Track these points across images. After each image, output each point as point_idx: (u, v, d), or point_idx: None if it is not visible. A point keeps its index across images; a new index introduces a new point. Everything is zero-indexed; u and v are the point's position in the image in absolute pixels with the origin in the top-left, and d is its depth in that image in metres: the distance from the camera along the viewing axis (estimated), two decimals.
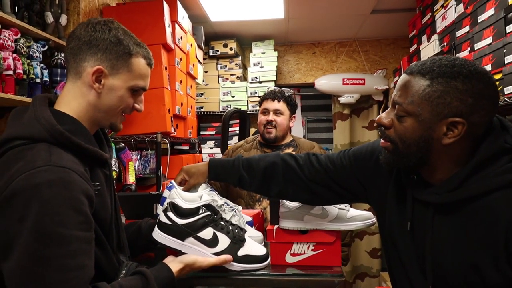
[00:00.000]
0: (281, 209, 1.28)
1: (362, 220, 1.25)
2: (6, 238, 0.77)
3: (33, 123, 0.86)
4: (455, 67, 0.82)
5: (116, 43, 0.95)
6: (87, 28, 0.95)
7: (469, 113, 0.81)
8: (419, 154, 0.87)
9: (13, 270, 0.76)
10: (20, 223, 0.76)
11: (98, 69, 0.93)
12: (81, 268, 0.79)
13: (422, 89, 0.84)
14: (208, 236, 1.05)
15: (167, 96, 2.38)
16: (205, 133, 3.67)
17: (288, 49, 4.04)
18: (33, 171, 0.78)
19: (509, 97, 1.46)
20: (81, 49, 0.93)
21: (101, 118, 0.98)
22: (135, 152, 2.35)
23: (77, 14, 2.13)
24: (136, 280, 0.90)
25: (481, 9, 1.72)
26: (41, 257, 0.75)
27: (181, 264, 1.00)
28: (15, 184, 0.77)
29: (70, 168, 0.82)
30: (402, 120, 0.88)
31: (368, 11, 3.12)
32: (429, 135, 0.85)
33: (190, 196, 1.15)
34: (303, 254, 1.27)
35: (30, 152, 0.82)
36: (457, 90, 0.81)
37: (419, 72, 0.86)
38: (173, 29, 2.51)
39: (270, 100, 2.02)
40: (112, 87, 0.96)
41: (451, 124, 0.82)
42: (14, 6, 1.75)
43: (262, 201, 1.89)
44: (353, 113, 3.94)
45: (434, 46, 2.26)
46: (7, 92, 1.61)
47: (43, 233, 0.76)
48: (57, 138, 0.86)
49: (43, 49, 1.85)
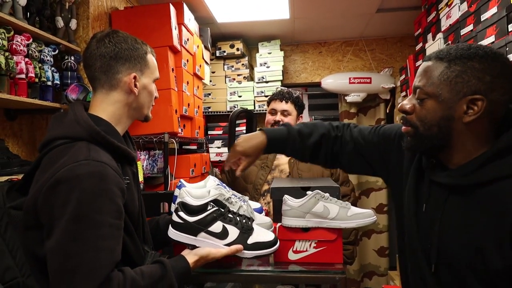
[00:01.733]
0: (284, 207, 1.31)
1: (362, 218, 1.28)
2: (50, 220, 0.89)
3: (74, 125, 0.99)
4: (471, 49, 0.86)
5: (135, 49, 1.09)
6: (105, 44, 1.07)
7: (488, 91, 0.83)
8: (440, 135, 0.90)
9: (53, 247, 0.87)
10: (63, 207, 0.87)
11: (134, 77, 1.08)
12: (111, 250, 0.90)
13: (441, 71, 0.88)
14: (218, 229, 1.12)
15: (174, 97, 2.42)
16: (213, 132, 3.71)
17: (294, 49, 4.06)
18: (76, 164, 0.90)
19: None
20: (110, 64, 1.07)
21: (137, 114, 1.14)
22: (143, 152, 2.40)
23: (87, 19, 2.18)
24: (155, 267, 0.99)
25: (484, 8, 1.72)
26: (78, 237, 0.87)
27: (196, 256, 1.08)
28: (60, 174, 0.89)
29: (106, 163, 0.94)
30: (423, 103, 0.91)
31: (373, 10, 3.13)
32: (450, 114, 0.87)
33: (199, 193, 1.22)
34: (305, 251, 1.30)
35: (72, 149, 0.95)
36: (475, 69, 0.84)
37: (436, 57, 0.90)
38: (180, 31, 2.56)
39: (278, 100, 2.05)
40: (144, 86, 1.12)
41: (470, 102, 0.85)
42: (26, 12, 1.81)
43: (266, 195, 1.92)
44: (360, 112, 3.95)
45: (439, 44, 2.26)
46: (20, 95, 1.67)
47: (81, 217, 0.87)
48: (95, 137, 0.98)
49: (54, 53, 1.91)
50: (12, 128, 1.94)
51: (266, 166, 1.99)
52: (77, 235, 0.87)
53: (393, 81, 3.63)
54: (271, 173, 1.99)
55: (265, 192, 1.94)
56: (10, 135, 1.93)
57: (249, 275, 1.28)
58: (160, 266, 1.00)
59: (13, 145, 1.93)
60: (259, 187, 1.94)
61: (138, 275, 0.93)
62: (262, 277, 1.29)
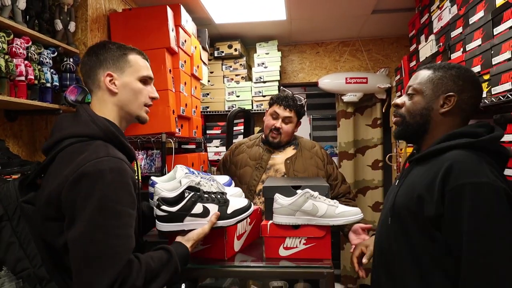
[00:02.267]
0: (275, 205, 1.36)
1: (350, 216, 1.33)
2: (72, 211, 0.97)
3: (90, 125, 1.08)
4: (451, 64, 1.17)
5: (111, 50, 1.19)
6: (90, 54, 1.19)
7: (460, 91, 1.12)
8: (422, 122, 1.16)
9: (77, 237, 0.95)
10: (86, 199, 0.95)
11: (108, 74, 1.16)
12: (129, 237, 1.00)
13: (427, 75, 1.17)
14: (199, 210, 1.22)
15: (172, 97, 2.47)
16: (211, 132, 3.76)
17: (292, 49, 4.11)
18: (98, 160, 0.99)
19: (496, 97, 1.51)
20: (92, 69, 1.18)
21: (127, 115, 1.20)
22: (141, 152, 2.44)
23: (85, 21, 2.23)
24: (162, 253, 1.10)
25: (472, 11, 1.76)
26: (101, 226, 0.95)
27: (190, 241, 1.19)
28: (84, 169, 0.97)
29: (123, 160, 1.05)
30: (412, 97, 1.18)
31: (369, 12, 3.17)
32: (430, 106, 1.15)
33: (171, 185, 1.33)
34: (295, 248, 1.35)
35: (91, 147, 1.03)
36: (452, 75, 1.13)
37: (425, 67, 1.21)
38: (177, 33, 2.60)
39: (283, 107, 2.01)
40: (125, 84, 1.18)
41: (446, 98, 1.13)
42: (25, 16, 1.85)
43: (261, 195, 1.95)
44: (356, 111, 3.99)
45: (431, 46, 2.30)
46: (20, 97, 1.71)
47: (105, 208, 0.96)
48: (110, 136, 1.09)
49: (53, 55, 1.95)
50: (12, 129, 1.98)
51: (260, 167, 2.02)
52: (101, 224, 0.95)
53: (389, 81, 3.67)
54: (266, 172, 2.01)
55: (260, 191, 1.97)
56: (11, 135, 1.97)
57: (242, 270, 1.33)
58: (165, 251, 1.10)
59: (13, 146, 1.98)
60: (253, 187, 1.97)
61: (149, 259, 1.03)
62: (254, 272, 1.34)
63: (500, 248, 0.91)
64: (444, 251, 1.00)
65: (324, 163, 2.04)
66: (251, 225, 1.55)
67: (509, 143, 1.44)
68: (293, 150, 2.07)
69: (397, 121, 1.22)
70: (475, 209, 0.93)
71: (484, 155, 1.02)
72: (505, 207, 0.93)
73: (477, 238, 0.92)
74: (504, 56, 1.46)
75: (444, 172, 1.00)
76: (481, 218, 0.92)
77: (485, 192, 0.93)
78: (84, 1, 2.24)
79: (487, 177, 0.95)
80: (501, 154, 1.06)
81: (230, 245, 1.37)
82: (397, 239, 1.12)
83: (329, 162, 2.07)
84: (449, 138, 1.09)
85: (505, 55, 1.45)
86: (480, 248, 0.92)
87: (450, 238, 0.98)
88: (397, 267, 1.11)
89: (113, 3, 2.55)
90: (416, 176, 1.12)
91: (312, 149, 2.08)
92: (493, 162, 1.02)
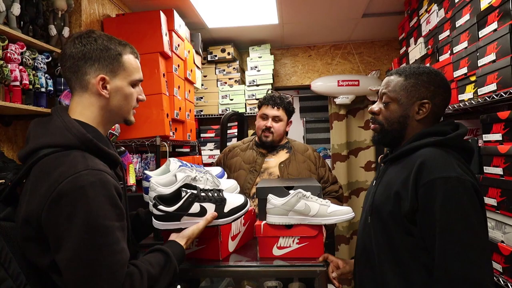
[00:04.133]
0: (268, 206, 1.39)
1: (341, 215, 1.35)
2: (56, 233, 0.90)
3: (64, 133, 0.97)
4: (420, 69, 1.19)
5: (106, 49, 1.05)
6: (75, 44, 1.04)
7: (432, 97, 1.16)
8: (399, 128, 1.19)
9: (69, 258, 0.89)
10: (69, 219, 0.89)
11: (101, 78, 1.04)
12: (124, 251, 0.95)
13: (400, 83, 1.19)
14: (196, 210, 1.22)
15: (165, 101, 2.49)
16: (205, 135, 3.78)
17: (284, 52, 4.15)
18: (76, 174, 0.90)
19: (482, 98, 1.55)
20: (78, 65, 1.04)
21: (115, 117, 1.11)
22: (135, 155, 2.46)
23: (79, 26, 2.25)
24: (159, 256, 1.07)
25: (458, 15, 1.81)
26: (93, 245, 0.89)
27: (184, 239, 1.17)
28: (62, 187, 0.89)
29: (104, 171, 0.96)
30: (388, 106, 1.21)
31: (359, 15, 3.22)
32: (406, 114, 1.18)
33: (166, 180, 1.33)
34: (288, 247, 1.37)
35: (67, 159, 0.94)
36: (423, 81, 1.16)
37: (396, 73, 1.22)
38: (170, 37, 2.63)
39: (270, 106, 2.07)
40: (117, 88, 1.07)
41: (421, 105, 1.16)
42: (20, 21, 1.87)
43: (255, 198, 1.98)
44: (349, 114, 4.04)
45: (420, 48, 2.36)
46: (15, 102, 1.73)
47: (92, 226, 0.89)
48: (88, 145, 0.98)
49: (47, 60, 1.97)
50: (7, 134, 1.99)
51: (255, 170, 2.04)
52: (92, 244, 0.89)
53: (380, 83, 3.71)
54: (260, 176, 2.03)
55: (254, 195, 1.99)
56: (5, 140, 1.98)
57: (236, 270, 1.35)
58: (162, 253, 1.08)
59: (8, 150, 1.99)
60: (247, 191, 1.99)
61: (148, 266, 1.01)
62: (248, 272, 1.36)
63: (469, 235, 0.98)
64: (421, 245, 1.06)
65: (316, 166, 2.08)
66: (245, 226, 1.57)
67: (495, 142, 1.48)
68: (286, 154, 2.10)
69: (376, 128, 1.25)
70: (445, 201, 1.00)
71: (452, 151, 1.09)
72: (473, 199, 1.01)
73: (448, 227, 0.99)
74: (489, 58, 1.50)
75: (416, 169, 1.06)
76: (451, 209, 0.99)
77: (454, 185, 1.00)
78: (78, 6, 2.26)
79: (455, 171, 1.02)
80: (466, 149, 1.13)
81: (224, 246, 1.39)
82: (377, 236, 1.17)
83: (322, 165, 2.10)
84: (420, 137, 1.15)
85: (490, 57, 1.49)
86: (451, 236, 0.99)
87: (424, 230, 1.04)
88: (378, 263, 1.16)
89: (107, 9, 2.57)
90: (391, 175, 1.17)
91: (305, 153, 2.11)
92: (460, 157, 1.09)
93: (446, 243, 0.99)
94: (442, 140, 1.11)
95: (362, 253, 1.25)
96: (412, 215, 1.06)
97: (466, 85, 1.72)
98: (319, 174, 2.06)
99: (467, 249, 0.97)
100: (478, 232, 0.99)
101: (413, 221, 1.06)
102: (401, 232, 1.09)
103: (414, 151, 1.13)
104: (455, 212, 0.99)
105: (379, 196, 1.19)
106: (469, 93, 1.69)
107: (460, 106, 1.78)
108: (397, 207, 1.09)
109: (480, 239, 0.99)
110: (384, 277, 1.13)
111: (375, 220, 1.18)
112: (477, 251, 0.97)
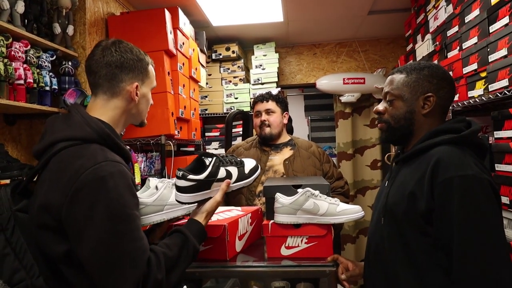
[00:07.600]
0: (276, 205, 1.36)
1: (351, 214, 1.33)
2: (78, 223, 0.93)
3: (84, 127, 1.03)
4: (421, 64, 1.20)
5: (139, 60, 1.15)
6: (112, 52, 1.11)
7: (436, 90, 1.15)
8: (406, 125, 1.18)
9: (93, 247, 0.92)
10: (91, 209, 0.92)
11: (137, 86, 1.14)
12: (144, 238, 0.98)
13: (403, 79, 1.19)
14: (223, 174, 1.22)
15: (170, 100, 2.47)
16: (210, 134, 3.76)
17: (289, 51, 4.12)
18: (97, 165, 0.95)
19: (493, 94, 1.52)
20: (115, 73, 1.11)
21: (132, 120, 1.20)
22: (140, 154, 2.45)
23: (83, 25, 2.23)
24: (176, 236, 1.08)
25: (467, 10, 1.77)
26: (117, 232, 0.93)
27: (203, 214, 1.17)
28: (83, 177, 0.93)
29: (121, 162, 1.02)
30: (392, 103, 1.20)
31: (365, 12, 3.19)
32: (412, 109, 1.17)
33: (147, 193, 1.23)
34: (297, 247, 1.35)
35: (87, 151, 0.99)
36: (426, 75, 1.16)
37: (398, 71, 1.22)
38: (175, 35, 2.61)
39: (260, 102, 2.16)
40: (144, 94, 1.18)
41: (425, 99, 1.16)
42: (24, 19, 1.86)
43: (261, 196, 1.97)
44: (354, 112, 4.00)
45: (427, 45, 2.32)
46: (19, 100, 1.71)
47: (114, 214, 0.93)
48: (105, 139, 1.04)
49: (52, 58, 1.96)
50: (11, 133, 1.98)
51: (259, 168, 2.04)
52: (115, 231, 0.93)
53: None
54: (265, 174, 2.03)
55: (260, 193, 1.98)
56: (10, 139, 1.97)
57: (244, 270, 1.33)
58: (179, 234, 1.09)
59: (12, 149, 1.98)
60: (253, 189, 1.98)
61: (165, 249, 1.02)
62: (256, 272, 1.34)
63: (488, 235, 0.96)
64: (437, 245, 1.04)
65: (321, 162, 2.08)
66: (253, 225, 1.55)
67: (507, 139, 1.45)
68: (291, 151, 2.09)
69: (382, 127, 1.24)
70: (463, 200, 0.98)
71: (467, 149, 1.07)
72: (490, 197, 0.99)
73: (467, 227, 0.97)
74: (500, 53, 1.47)
75: (432, 167, 1.04)
76: (469, 208, 0.97)
77: (471, 184, 0.98)
78: (82, 4, 2.24)
79: (472, 169, 1.00)
80: (481, 146, 1.11)
81: (231, 246, 1.37)
82: (391, 238, 1.14)
83: (326, 161, 2.10)
84: (432, 135, 1.13)
85: (502, 52, 1.46)
86: (470, 236, 0.96)
87: (441, 230, 1.01)
88: (391, 265, 1.13)
89: (111, 7, 2.56)
90: (405, 175, 1.15)
91: (309, 149, 2.11)
92: (474, 155, 1.07)
93: (464, 243, 0.96)
94: (457, 137, 1.08)
95: (375, 255, 1.22)
96: (428, 214, 1.03)
97: (476, 82, 1.69)
98: (323, 170, 2.05)
99: (486, 250, 0.95)
100: (496, 231, 0.97)
101: (429, 221, 1.04)
102: (416, 232, 1.07)
103: (427, 150, 1.11)
104: (474, 211, 0.97)
105: (392, 197, 1.16)
106: (479, 89, 1.66)
107: (470, 102, 1.75)
108: (412, 208, 1.07)
109: (499, 238, 0.97)
110: (397, 279, 1.11)
111: (388, 222, 1.16)
112: (496, 252, 0.95)
